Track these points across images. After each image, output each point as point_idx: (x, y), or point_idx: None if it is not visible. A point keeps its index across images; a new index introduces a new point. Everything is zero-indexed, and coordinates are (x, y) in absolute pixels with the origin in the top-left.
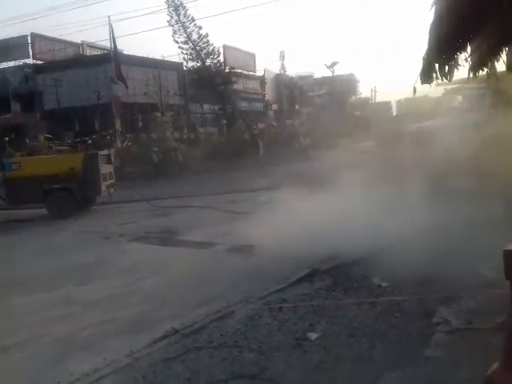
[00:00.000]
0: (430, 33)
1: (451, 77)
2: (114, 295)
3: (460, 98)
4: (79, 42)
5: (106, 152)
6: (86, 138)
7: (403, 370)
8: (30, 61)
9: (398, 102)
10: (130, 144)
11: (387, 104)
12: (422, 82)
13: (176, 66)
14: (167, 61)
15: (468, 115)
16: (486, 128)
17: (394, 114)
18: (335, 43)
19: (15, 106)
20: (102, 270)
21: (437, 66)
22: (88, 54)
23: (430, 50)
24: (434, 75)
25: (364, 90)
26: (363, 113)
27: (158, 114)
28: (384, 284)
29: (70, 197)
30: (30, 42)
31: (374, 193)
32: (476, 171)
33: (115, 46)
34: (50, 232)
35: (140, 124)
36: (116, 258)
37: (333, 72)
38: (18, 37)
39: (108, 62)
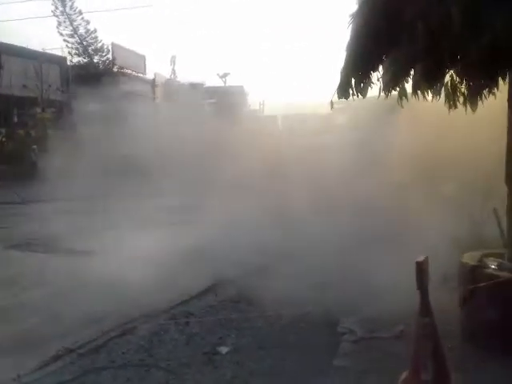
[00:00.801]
0: (347, 49)
1: (365, 94)
2: None
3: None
4: None
5: None
6: None
7: (315, 381)
8: None
9: (285, 117)
10: (3, 140)
11: (274, 118)
12: (339, 97)
13: (59, 60)
14: (49, 53)
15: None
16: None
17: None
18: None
19: None
20: None
21: (353, 81)
22: None
23: (347, 65)
24: (351, 91)
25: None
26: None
27: (39, 110)
28: None
29: None
30: None
31: None
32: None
33: None
34: None
35: (15, 119)
36: None
37: (225, 82)
38: None
39: None
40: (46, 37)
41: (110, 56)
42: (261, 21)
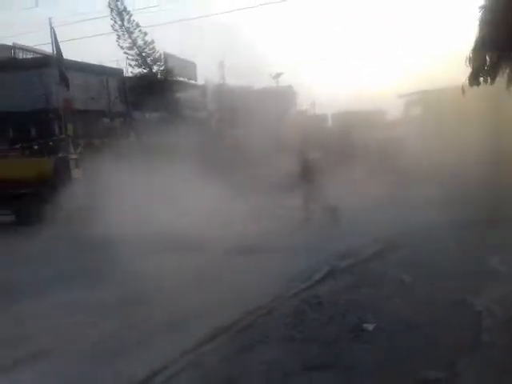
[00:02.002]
0: (479, 40)
1: (494, 80)
2: (132, 297)
3: (419, 108)
4: (11, 44)
5: (74, 156)
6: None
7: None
8: None
9: (334, 115)
10: (82, 150)
11: (324, 116)
12: (471, 85)
13: (115, 73)
14: (107, 67)
15: (430, 124)
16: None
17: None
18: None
19: None
20: (100, 276)
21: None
22: (21, 58)
23: (476, 53)
24: (481, 79)
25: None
26: (302, 125)
27: (107, 120)
28: (408, 279)
29: (39, 202)
30: None
31: None
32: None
33: (58, 48)
34: (24, 239)
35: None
36: (113, 263)
37: (277, 83)
38: None
39: (44, 66)
40: (101, 51)
41: (167, 65)
42: (310, 19)
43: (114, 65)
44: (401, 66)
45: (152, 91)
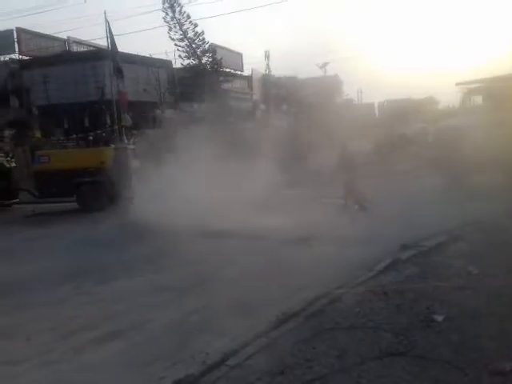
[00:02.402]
0: None
1: None
2: (199, 282)
3: (480, 97)
4: (65, 38)
5: (132, 146)
6: (89, 134)
7: None
8: (15, 56)
9: (381, 103)
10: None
11: (371, 106)
12: None
13: (165, 64)
14: (157, 59)
15: (492, 113)
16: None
17: (377, 115)
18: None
19: (14, 102)
20: (167, 261)
21: None
22: (75, 51)
23: None
24: None
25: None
26: (346, 114)
27: (159, 111)
28: (475, 271)
29: (101, 190)
30: (15, 36)
31: None
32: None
33: (113, 41)
34: (90, 224)
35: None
36: (176, 249)
37: (325, 72)
38: (3, 31)
39: (97, 60)
40: (150, 43)
41: (215, 56)
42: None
43: (162, 57)
44: (455, 53)
45: (200, 82)
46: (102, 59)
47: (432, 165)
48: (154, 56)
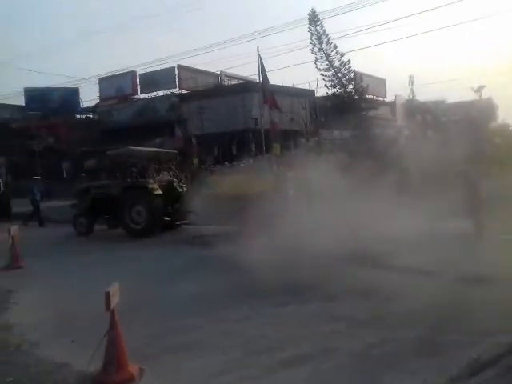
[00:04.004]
0: None
1: None
2: (373, 315)
3: None
4: (218, 72)
5: (290, 174)
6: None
7: None
8: (176, 90)
9: None
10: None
11: None
12: None
13: (309, 94)
14: (300, 88)
15: None
16: None
17: None
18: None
19: (178, 132)
20: (335, 289)
21: None
22: (226, 84)
23: None
24: None
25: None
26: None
27: (303, 140)
28: None
29: (261, 215)
30: (176, 73)
31: None
32: None
33: (265, 73)
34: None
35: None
36: (341, 278)
37: (480, 96)
38: (166, 69)
39: (246, 92)
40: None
41: (360, 84)
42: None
43: (305, 86)
44: None
45: (343, 110)
46: (251, 91)
47: None
48: (296, 86)
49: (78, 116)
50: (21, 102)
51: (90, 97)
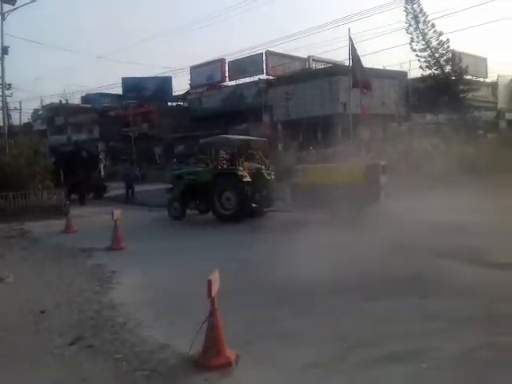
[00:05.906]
0: None
1: None
2: (473, 315)
3: None
4: (305, 56)
5: (383, 162)
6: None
7: None
8: (263, 77)
9: None
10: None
11: None
12: None
13: (399, 76)
14: (392, 70)
15: None
16: None
17: None
18: None
19: (265, 118)
20: (432, 286)
21: None
22: (313, 68)
23: None
24: None
25: None
26: None
27: (394, 125)
28: None
29: (352, 204)
30: (264, 59)
31: None
32: None
33: (356, 54)
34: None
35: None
36: (440, 274)
37: None
38: (254, 55)
39: (333, 75)
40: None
41: (459, 64)
42: None
43: (397, 68)
44: None
45: (440, 92)
46: (339, 74)
47: None
48: (387, 68)
49: (169, 104)
50: (119, 91)
51: (183, 86)
